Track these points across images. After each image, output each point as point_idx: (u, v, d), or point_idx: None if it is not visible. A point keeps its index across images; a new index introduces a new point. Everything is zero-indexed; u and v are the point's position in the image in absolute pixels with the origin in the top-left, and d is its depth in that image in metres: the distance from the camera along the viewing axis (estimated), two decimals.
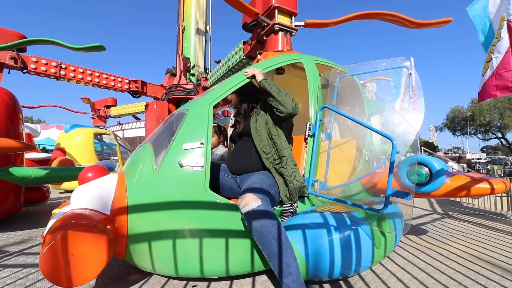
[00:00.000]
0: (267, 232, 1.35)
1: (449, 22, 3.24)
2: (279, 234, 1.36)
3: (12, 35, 3.17)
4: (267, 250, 1.35)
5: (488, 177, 2.22)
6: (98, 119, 7.87)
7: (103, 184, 1.55)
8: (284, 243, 1.35)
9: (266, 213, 1.39)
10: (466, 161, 21.81)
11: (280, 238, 1.36)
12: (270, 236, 1.34)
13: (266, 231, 1.35)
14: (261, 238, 1.36)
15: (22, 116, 3.07)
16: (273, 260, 1.34)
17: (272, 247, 1.34)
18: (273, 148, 1.73)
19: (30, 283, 1.54)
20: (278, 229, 1.37)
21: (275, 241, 1.34)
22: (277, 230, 1.36)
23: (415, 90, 2.13)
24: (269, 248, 1.35)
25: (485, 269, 1.80)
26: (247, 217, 1.39)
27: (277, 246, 1.34)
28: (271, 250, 1.34)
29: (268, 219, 1.37)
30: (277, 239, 1.35)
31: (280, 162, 1.67)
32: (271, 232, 1.35)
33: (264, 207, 1.40)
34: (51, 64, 4.21)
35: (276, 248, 1.34)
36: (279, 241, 1.35)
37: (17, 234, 2.55)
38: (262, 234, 1.35)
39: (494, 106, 28.02)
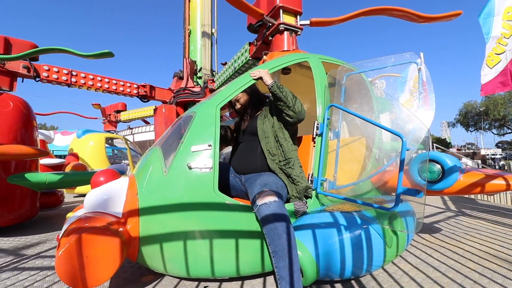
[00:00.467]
0: (280, 225, 1.37)
1: (459, 15, 3.17)
2: (289, 230, 1.38)
3: (24, 45, 3.27)
4: (275, 243, 1.36)
5: (503, 173, 2.15)
6: (109, 124, 8.03)
7: (115, 187, 1.58)
8: (292, 241, 1.36)
9: (281, 208, 1.44)
10: (481, 157, 21.20)
11: (290, 234, 1.37)
12: (281, 229, 1.37)
13: (279, 224, 1.37)
14: (272, 230, 1.38)
15: (36, 123, 3.16)
16: (279, 254, 1.34)
17: (282, 240, 1.35)
18: (279, 150, 1.76)
19: (47, 285, 1.59)
20: (288, 226, 1.39)
21: (285, 235, 1.36)
22: (288, 226, 1.39)
23: (425, 85, 2.09)
24: (278, 241, 1.36)
25: (501, 267, 1.75)
26: (263, 208, 1.42)
27: (287, 240, 1.35)
28: (279, 244, 1.35)
29: (282, 213, 1.41)
30: (287, 233, 1.37)
31: (287, 163, 1.71)
32: (283, 226, 1.37)
33: (281, 203, 1.46)
34: (62, 72, 4.32)
35: (286, 242, 1.35)
36: (288, 236, 1.36)
37: (34, 238, 2.63)
38: (274, 226, 1.37)
39: (509, 100, 27.16)
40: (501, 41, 3.10)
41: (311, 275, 1.37)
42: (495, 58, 3.14)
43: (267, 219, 1.40)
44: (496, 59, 3.15)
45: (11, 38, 3.20)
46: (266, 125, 1.81)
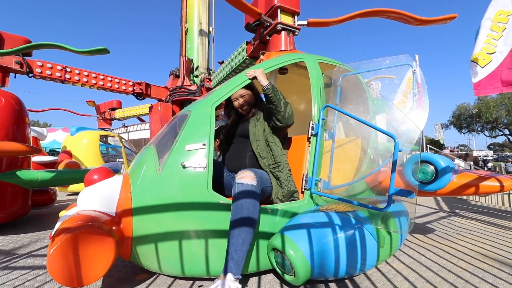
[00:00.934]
0: (246, 208, 1.45)
1: (454, 18, 3.20)
2: (252, 215, 1.45)
3: (17, 40, 3.22)
4: (235, 221, 1.44)
5: (495, 175, 2.19)
6: (103, 121, 7.95)
7: (108, 186, 1.57)
8: (251, 226, 1.45)
9: (255, 194, 1.50)
10: (473, 159, 21.51)
11: (251, 218, 1.45)
12: (245, 211, 1.44)
13: (246, 206, 1.45)
14: (237, 208, 1.45)
15: (29, 120, 3.12)
16: (235, 232, 1.42)
17: (242, 221, 1.44)
18: (269, 153, 1.82)
19: (38, 285, 1.57)
20: (253, 211, 1.46)
21: (246, 217, 1.44)
22: (253, 211, 1.46)
23: (419, 87, 2.11)
24: (238, 220, 1.44)
25: (492, 267, 1.77)
26: (239, 186, 1.50)
27: (246, 222, 1.44)
28: (238, 222, 1.43)
29: (253, 199, 1.48)
30: (249, 217, 1.44)
31: (276, 166, 1.77)
32: (249, 208, 1.45)
33: (256, 189, 1.52)
34: (56, 68, 4.26)
35: (245, 224, 1.43)
36: (249, 220, 1.45)
37: (25, 237, 2.59)
38: (241, 205, 1.45)
39: (501, 103, 27.59)
40: (490, 42, 3.14)
41: (304, 274, 1.37)
42: (486, 58, 3.18)
43: (238, 196, 1.47)
44: (488, 58, 3.19)
45: (4, 33, 3.15)
46: (258, 128, 1.87)
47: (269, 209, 1.59)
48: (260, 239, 1.54)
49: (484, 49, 3.17)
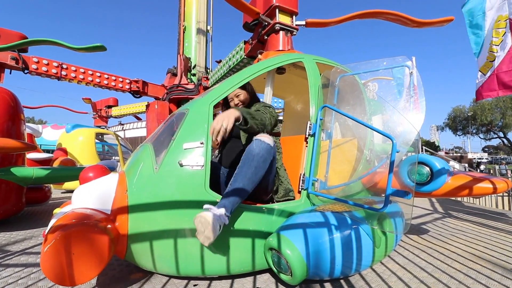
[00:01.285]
0: (256, 161, 1.50)
1: (451, 21, 3.23)
2: (259, 170, 1.52)
3: (13, 35, 3.18)
4: (243, 168, 1.50)
5: (490, 177, 2.21)
6: (99, 119, 7.91)
7: (104, 183, 1.56)
8: (254, 179, 1.50)
9: (269, 153, 1.54)
10: (468, 161, 21.73)
11: (256, 172, 1.51)
12: (254, 164, 1.50)
13: (256, 159, 1.50)
14: (248, 159, 1.51)
15: (24, 117, 3.08)
16: (239, 177, 1.48)
17: (250, 170, 1.49)
18: None
19: (32, 283, 1.55)
20: (262, 168, 1.52)
21: (254, 169, 1.50)
22: (261, 168, 1.52)
23: (416, 89, 2.12)
24: (246, 168, 1.49)
25: (486, 268, 1.79)
26: (257, 141, 1.53)
27: (252, 173, 1.49)
28: (245, 170, 1.49)
29: (266, 156, 1.53)
30: (256, 170, 1.50)
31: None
32: (258, 163, 1.50)
33: (272, 150, 1.56)
34: (52, 64, 4.22)
35: (251, 173, 1.49)
36: (256, 171, 1.50)
37: (19, 234, 2.57)
38: (252, 158, 1.50)
39: (496, 106, 27.91)
40: (492, 49, 3.19)
41: (300, 274, 1.37)
42: (488, 65, 3.23)
43: (252, 148, 1.52)
44: (489, 65, 3.24)
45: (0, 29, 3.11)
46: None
47: (266, 209, 1.59)
48: (257, 238, 1.54)
49: (488, 58, 3.22)
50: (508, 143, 30.52)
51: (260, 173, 1.53)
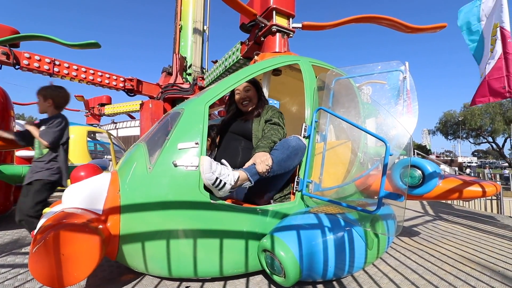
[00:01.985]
0: (290, 151, 1.67)
1: (444, 27, 3.29)
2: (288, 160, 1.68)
3: (5, 30, 3.11)
4: (276, 154, 1.65)
5: (479, 180, 2.25)
6: (92, 117, 7.79)
7: (96, 183, 1.53)
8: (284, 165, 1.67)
9: (303, 151, 1.75)
10: (458, 165, 22.14)
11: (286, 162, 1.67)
12: (287, 153, 1.66)
13: (291, 151, 1.67)
14: (285, 147, 1.67)
15: (14, 113, 3.02)
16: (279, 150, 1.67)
17: (281, 156, 1.65)
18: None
19: (18, 284, 1.51)
20: (293, 160, 1.71)
21: (285, 160, 1.66)
22: (293, 160, 1.70)
23: (409, 93, 2.15)
24: (278, 155, 1.64)
25: (475, 270, 1.82)
26: (295, 138, 1.72)
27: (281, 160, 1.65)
28: (277, 156, 1.64)
29: (301, 153, 1.74)
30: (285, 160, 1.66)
31: None
32: (291, 155, 1.68)
33: (305, 150, 1.77)
34: (45, 60, 4.14)
35: (280, 160, 1.64)
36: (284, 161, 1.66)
37: (6, 234, 2.51)
38: (288, 147, 1.67)
39: (486, 111, 28.47)
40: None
41: (294, 276, 1.37)
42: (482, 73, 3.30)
43: (291, 140, 1.70)
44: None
45: None
46: (259, 131, 1.92)
47: (260, 210, 1.59)
48: (250, 239, 1.54)
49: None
50: (497, 148, 31.16)
51: (289, 163, 1.68)
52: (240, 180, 1.53)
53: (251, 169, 1.58)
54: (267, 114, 1.97)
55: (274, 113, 1.97)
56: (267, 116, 1.96)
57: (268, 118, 1.93)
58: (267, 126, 1.89)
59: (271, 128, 1.84)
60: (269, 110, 2.00)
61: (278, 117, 1.95)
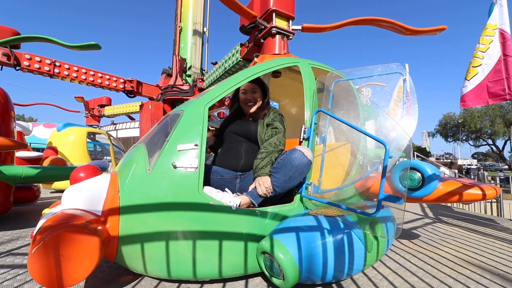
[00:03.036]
0: (293, 172, 1.61)
1: (443, 30, 3.30)
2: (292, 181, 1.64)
3: (5, 31, 3.13)
4: (278, 176, 1.63)
5: (479, 183, 2.25)
6: (91, 118, 7.80)
7: (95, 184, 1.53)
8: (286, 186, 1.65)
9: (309, 166, 1.66)
10: (457, 167, 22.12)
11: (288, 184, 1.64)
12: (290, 174, 1.61)
13: (294, 171, 1.61)
14: (287, 168, 1.62)
15: (14, 114, 3.02)
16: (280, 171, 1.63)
17: (282, 178, 1.62)
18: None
19: (18, 284, 1.51)
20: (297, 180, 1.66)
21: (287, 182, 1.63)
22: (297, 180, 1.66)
23: (409, 96, 2.16)
24: (280, 177, 1.62)
25: (475, 273, 1.82)
26: (300, 153, 1.62)
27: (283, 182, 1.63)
28: (279, 178, 1.62)
29: (306, 170, 1.66)
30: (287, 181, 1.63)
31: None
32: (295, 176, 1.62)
33: (312, 164, 1.69)
34: (45, 61, 4.16)
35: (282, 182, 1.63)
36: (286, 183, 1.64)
37: (5, 234, 2.50)
38: (291, 167, 1.61)
39: (485, 113, 28.49)
40: (477, 54, 3.25)
41: (293, 278, 1.37)
42: (472, 71, 3.29)
43: (294, 158, 1.61)
44: (473, 71, 3.29)
45: None
46: (262, 133, 1.92)
47: (259, 212, 1.59)
48: (249, 241, 1.54)
49: (471, 63, 3.28)
50: (496, 150, 31.17)
51: (292, 183, 1.65)
52: (243, 205, 1.59)
53: (253, 193, 1.65)
54: (268, 117, 1.98)
55: (275, 116, 1.98)
56: (268, 119, 1.96)
57: (269, 121, 1.94)
58: (268, 131, 1.90)
59: (270, 135, 1.86)
60: (271, 113, 2.00)
61: (280, 120, 1.96)
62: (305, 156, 1.62)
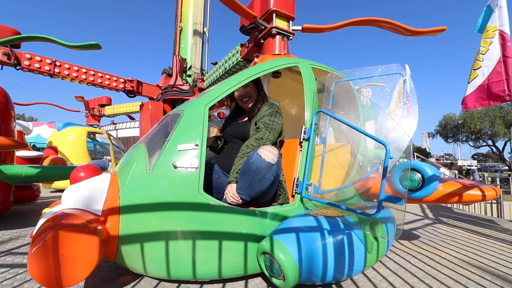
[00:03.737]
0: (252, 178, 1.53)
1: (444, 30, 3.30)
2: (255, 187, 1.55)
3: (6, 31, 3.13)
4: (240, 183, 1.57)
5: (479, 184, 2.25)
6: (91, 118, 7.80)
7: (95, 184, 1.53)
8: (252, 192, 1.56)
9: (271, 168, 1.54)
10: (457, 168, 22.12)
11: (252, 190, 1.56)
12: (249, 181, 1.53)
13: (252, 177, 1.52)
14: (246, 174, 1.54)
15: (14, 113, 3.02)
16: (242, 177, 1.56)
17: (244, 185, 1.56)
18: None
19: (17, 284, 1.51)
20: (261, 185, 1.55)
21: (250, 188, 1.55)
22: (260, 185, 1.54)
23: (409, 96, 2.16)
24: (242, 184, 1.56)
25: (475, 274, 1.82)
26: (257, 156, 1.52)
27: (246, 189, 1.56)
28: (241, 186, 1.56)
29: (268, 174, 1.54)
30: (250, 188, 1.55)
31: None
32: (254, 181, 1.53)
33: (275, 165, 1.55)
34: (45, 61, 4.16)
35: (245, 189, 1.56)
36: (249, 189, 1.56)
37: (5, 234, 2.50)
38: (249, 174, 1.53)
39: (485, 114, 28.50)
40: (478, 57, 3.25)
41: (293, 278, 1.37)
42: (473, 74, 3.29)
43: (251, 164, 1.52)
44: (473, 74, 3.30)
45: None
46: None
47: (259, 212, 1.59)
48: (250, 242, 1.54)
49: (472, 66, 3.28)
50: (496, 151, 31.16)
51: (256, 190, 1.56)
52: None
53: (225, 200, 1.61)
54: (259, 113, 1.92)
55: (266, 110, 1.89)
56: (258, 117, 1.90)
57: (258, 119, 1.88)
58: (252, 132, 1.84)
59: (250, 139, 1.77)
60: (263, 108, 1.94)
61: (270, 113, 1.86)
62: (262, 160, 1.50)
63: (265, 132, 1.77)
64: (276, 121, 1.84)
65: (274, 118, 1.85)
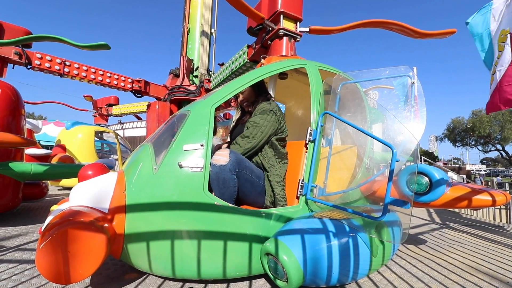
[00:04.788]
0: (216, 185, 1.62)
1: (453, 33, 3.25)
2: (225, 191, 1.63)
3: (18, 30, 3.19)
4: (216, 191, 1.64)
5: (488, 189, 2.21)
6: (99, 117, 7.90)
7: (102, 182, 1.55)
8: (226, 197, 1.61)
9: (224, 170, 1.59)
10: (466, 172, 21.75)
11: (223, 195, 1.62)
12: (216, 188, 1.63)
13: (216, 184, 1.62)
14: (212, 182, 1.61)
15: (24, 112, 3.08)
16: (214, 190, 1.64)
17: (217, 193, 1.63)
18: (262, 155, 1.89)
19: (25, 279, 1.54)
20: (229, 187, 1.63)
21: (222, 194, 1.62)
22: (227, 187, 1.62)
23: (417, 99, 2.13)
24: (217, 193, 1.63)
25: (483, 280, 1.79)
26: (212, 165, 1.58)
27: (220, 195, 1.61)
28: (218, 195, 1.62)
29: (227, 175, 1.60)
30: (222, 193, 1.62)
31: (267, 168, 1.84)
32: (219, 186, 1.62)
33: (227, 165, 1.59)
34: (56, 61, 4.23)
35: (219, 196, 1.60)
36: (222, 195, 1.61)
37: (14, 230, 2.55)
38: (213, 182, 1.61)
39: (495, 118, 28.02)
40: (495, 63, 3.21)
41: (297, 281, 1.36)
42: (491, 79, 3.25)
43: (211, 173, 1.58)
44: (491, 79, 3.26)
45: (4, 23, 3.12)
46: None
47: (264, 213, 1.59)
48: (254, 243, 1.54)
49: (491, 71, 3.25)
50: (506, 156, 30.56)
51: (228, 193, 1.63)
52: None
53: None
54: (252, 114, 1.92)
55: (257, 112, 1.90)
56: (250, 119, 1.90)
57: (249, 121, 1.88)
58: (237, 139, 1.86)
59: (237, 138, 1.82)
60: (256, 109, 1.93)
61: (262, 112, 1.87)
62: (214, 165, 1.59)
63: (252, 130, 1.80)
64: (266, 119, 1.84)
65: (263, 116, 1.85)
